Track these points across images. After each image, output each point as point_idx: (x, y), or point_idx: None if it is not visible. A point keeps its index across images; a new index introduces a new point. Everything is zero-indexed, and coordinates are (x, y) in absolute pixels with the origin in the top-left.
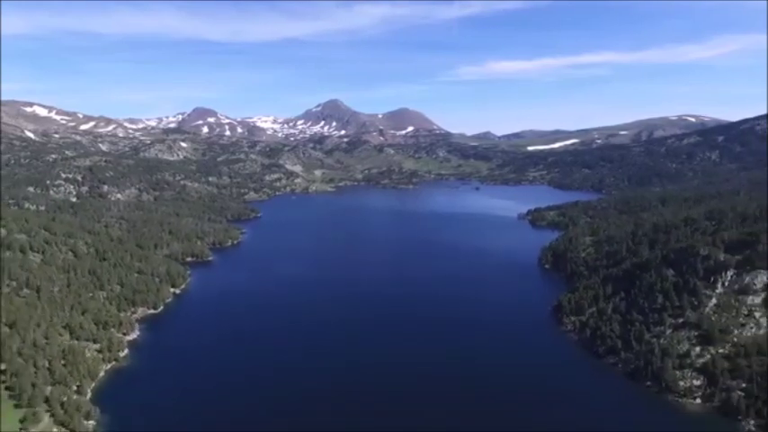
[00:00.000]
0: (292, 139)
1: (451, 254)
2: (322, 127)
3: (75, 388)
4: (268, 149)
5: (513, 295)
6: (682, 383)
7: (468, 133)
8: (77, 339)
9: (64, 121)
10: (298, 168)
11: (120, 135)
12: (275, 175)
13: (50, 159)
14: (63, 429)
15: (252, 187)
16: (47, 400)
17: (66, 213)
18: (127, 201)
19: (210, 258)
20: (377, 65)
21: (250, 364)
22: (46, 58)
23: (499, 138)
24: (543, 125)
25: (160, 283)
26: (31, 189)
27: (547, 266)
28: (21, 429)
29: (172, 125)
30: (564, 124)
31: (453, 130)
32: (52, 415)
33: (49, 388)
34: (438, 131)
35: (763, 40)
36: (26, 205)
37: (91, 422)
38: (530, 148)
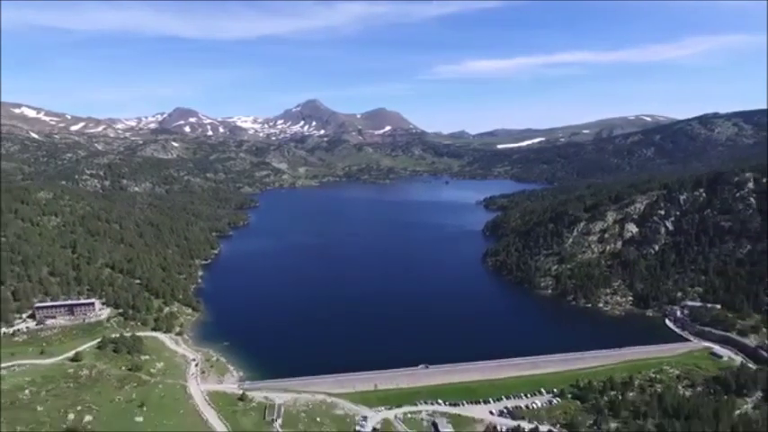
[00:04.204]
0: (274, 138)
1: (418, 226)
2: (302, 127)
3: (182, 292)
4: (254, 149)
5: (459, 249)
6: (542, 284)
7: (445, 132)
8: (170, 272)
9: (53, 122)
10: (283, 166)
11: (112, 135)
12: (264, 172)
13: (67, 158)
14: (188, 308)
15: (246, 182)
16: (172, 294)
17: (104, 201)
18: (144, 192)
19: (230, 233)
20: (355, 63)
21: (269, 283)
22: (11, 54)
23: (473, 136)
24: (516, 124)
25: (203, 245)
26: (63, 183)
27: (487, 233)
28: (166, 307)
29: (152, 125)
30: (535, 123)
31: (430, 129)
32: (178, 301)
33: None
34: (414, 131)
35: (731, 42)
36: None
37: (200, 306)
38: (499, 147)
